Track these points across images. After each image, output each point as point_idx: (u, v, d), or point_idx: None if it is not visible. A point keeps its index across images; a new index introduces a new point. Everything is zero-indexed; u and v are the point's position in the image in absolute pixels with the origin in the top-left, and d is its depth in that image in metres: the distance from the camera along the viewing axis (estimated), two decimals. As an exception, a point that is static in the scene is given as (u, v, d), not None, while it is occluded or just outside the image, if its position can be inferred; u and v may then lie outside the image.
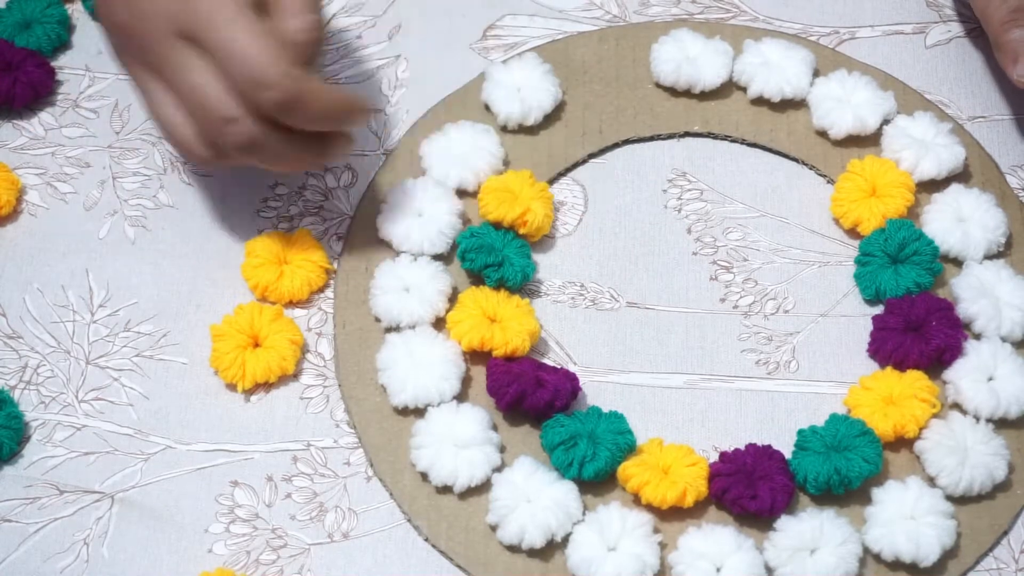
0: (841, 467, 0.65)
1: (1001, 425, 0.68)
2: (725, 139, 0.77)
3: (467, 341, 0.69)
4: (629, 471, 0.66)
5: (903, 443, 0.68)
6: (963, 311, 0.71)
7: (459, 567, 0.66)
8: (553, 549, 0.66)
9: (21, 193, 0.74)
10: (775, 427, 0.69)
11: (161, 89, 0.68)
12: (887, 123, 0.76)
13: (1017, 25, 0.73)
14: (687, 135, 0.77)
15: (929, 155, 0.74)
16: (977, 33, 0.81)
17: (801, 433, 0.67)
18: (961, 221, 0.73)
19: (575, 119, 0.77)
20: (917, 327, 0.70)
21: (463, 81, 0.78)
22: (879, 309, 0.72)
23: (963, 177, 0.75)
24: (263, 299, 0.72)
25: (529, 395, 0.67)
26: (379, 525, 0.67)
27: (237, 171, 0.75)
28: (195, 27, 0.66)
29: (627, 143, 0.77)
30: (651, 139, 0.77)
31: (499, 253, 0.71)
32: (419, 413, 0.68)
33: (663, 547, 0.65)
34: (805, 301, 0.72)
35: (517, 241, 0.72)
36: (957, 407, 0.69)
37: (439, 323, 0.70)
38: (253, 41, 0.65)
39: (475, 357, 0.70)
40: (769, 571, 0.65)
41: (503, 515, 0.65)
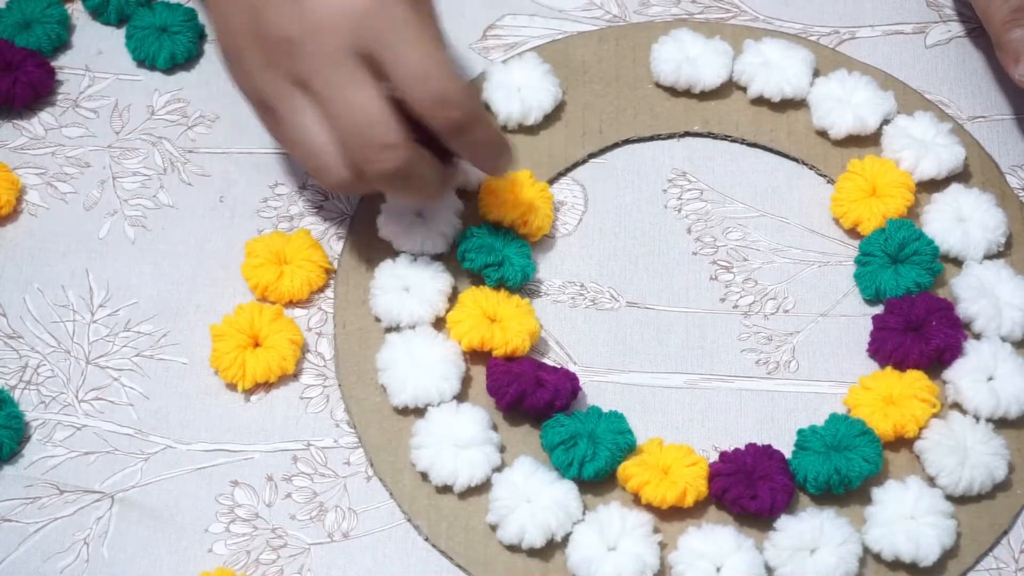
0: (841, 467, 0.65)
1: (1001, 425, 0.68)
2: (725, 139, 0.77)
3: (467, 341, 0.69)
4: (629, 471, 0.66)
5: (903, 443, 0.68)
6: (963, 311, 0.71)
7: (459, 567, 0.66)
8: (553, 549, 0.66)
9: (21, 193, 0.74)
10: (775, 427, 0.69)
11: (309, 107, 0.66)
12: (887, 123, 0.76)
13: (1018, 24, 0.73)
14: (687, 135, 0.77)
15: (929, 155, 0.74)
16: (977, 33, 0.81)
17: (801, 433, 0.67)
18: (961, 221, 0.73)
19: (575, 119, 0.77)
20: (917, 327, 0.70)
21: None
22: (879, 309, 0.72)
23: (963, 177, 0.75)
24: (263, 299, 0.72)
25: (529, 395, 0.67)
26: (379, 525, 0.67)
27: (237, 171, 0.75)
28: (379, 44, 0.64)
29: (627, 143, 0.77)
30: (651, 139, 0.77)
31: (499, 253, 0.70)
32: (419, 413, 0.68)
33: (663, 547, 0.65)
34: (805, 301, 0.72)
35: (517, 241, 0.72)
36: (957, 407, 0.69)
37: (439, 323, 0.70)
38: (442, 61, 0.65)
39: (475, 357, 0.70)
40: (769, 571, 0.65)
41: (503, 515, 0.65)
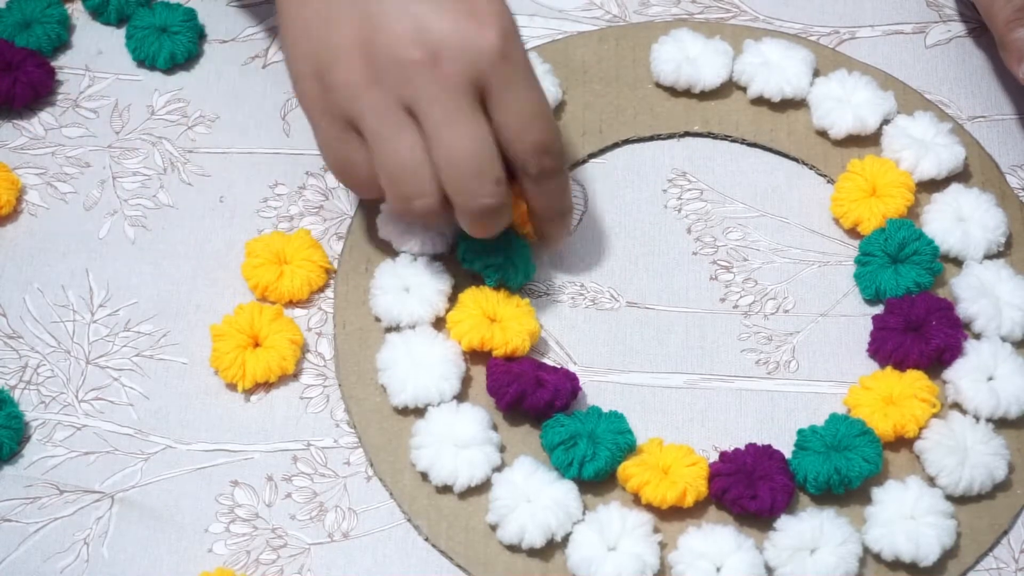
0: (841, 467, 0.65)
1: (1001, 425, 0.68)
2: (725, 139, 0.77)
3: (467, 341, 0.69)
4: (629, 471, 0.66)
5: (903, 443, 0.68)
6: (963, 311, 0.71)
7: (459, 567, 0.66)
8: (553, 549, 0.66)
9: (21, 193, 0.74)
10: (775, 427, 0.69)
11: (412, 131, 0.65)
12: (887, 123, 0.76)
13: (1022, 24, 0.73)
14: (687, 135, 0.77)
15: (929, 155, 0.74)
16: (977, 33, 0.81)
17: (801, 433, 0.67)
18: (961, 221, 0.73)
19: (575, 119, 0.77)
20: (917, 327, 0.70)
21: (463, 81, 0.78)
22: (879, 309, 0.72)
23: (963, 177, 0.75)
24: (263, 299, 0.72)
25: (529, 395, 0.67)
26: (379, 525, 0.67)
27: (237, 171, 0.75)
28: (497, 82, 0.65)
29: (627, 143, 0.77)
30: (651, 139, 0.77)
31: (499, 253, 0.70)
32: (419, 413, 0.68)
33: (663, 547, 0.65)
34: (805, 301, 0.72)
35: (518, 241, 0.71)
36: (957, 407, 0.69)
37: (439, 323, 0.70)
38: (548, 109, 0.67)
39: (475, 357, 0.70)
40: (769, 571, 0.65)
41: (503, 515, 0.65)
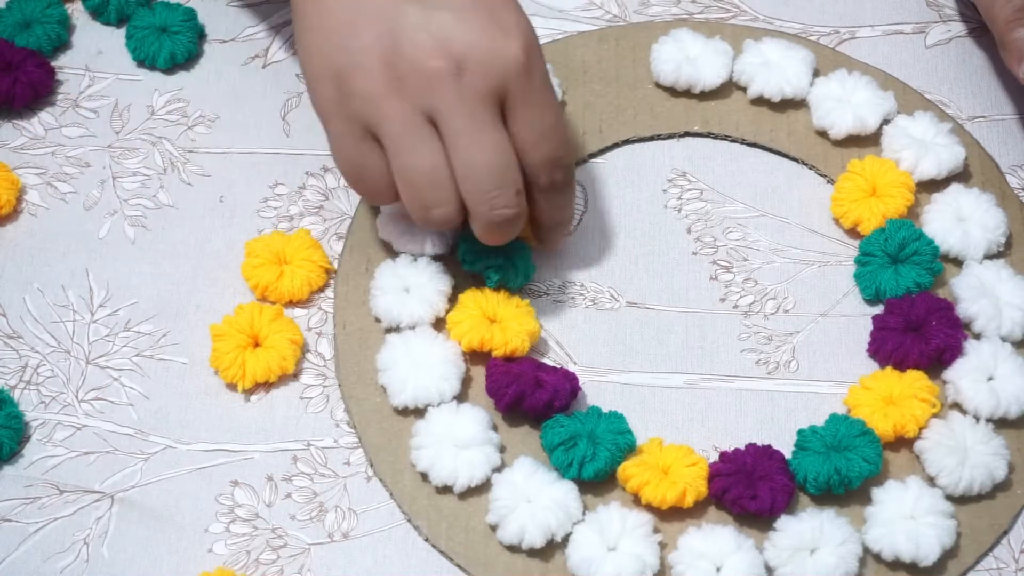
0: (841, 467, 0.65)
1: (1001, 425, 0.68)
2: (725, 139, 0.77)
3: (467, 341, 0.69)
4: (629, 471, 0.66)
5: (903, 443, 0.68)
6: (963, 311, 0.71)
7: (459, 567, 0.66)
8: (553, 549, 0.66)
9: (21, 193, 0.74)
10: (775, 427, 0.69)
11: (434, 141, 0.65)
12: (887, 123, 0.76)
13: (1022, 24, 0.73)
14: (687, 135, 0.77)
15: (929, 155, 0.74)
16: (977, 33, 0.80)
17: (801, 433, 0.67)
18: (961, 221, 0.73)
19: (575, 119, 0.77)
20: (917, 327, 0.70)
21: (463, 81, 0.78)
22: (879, 309, 0.72)
23: (963, 177, 0.75)
24: (263, 299, 0.72)
25: (528, 396, 0.67)
26: (379, 525, 0.67)
27: (237, 171, 0.75)
28: (519, 94, 0.65)
29: (627, 143, 0.77)
30: (651, 139, 0.77)
31: (499, 254, 0.70)
32: (419, 413, 0.68)
33: (663, 547, 0.65)
34: (805, 301, 0.72)
35: (517, 242, 0.71)
36: (957, 407, 0.69)
37: (439, 323, 0.70)
38: (563, 124, 0.68)
39: (475, 357, 0.70)
40: (769, 571, 0.65)
41: (503, 515, 0.65)
